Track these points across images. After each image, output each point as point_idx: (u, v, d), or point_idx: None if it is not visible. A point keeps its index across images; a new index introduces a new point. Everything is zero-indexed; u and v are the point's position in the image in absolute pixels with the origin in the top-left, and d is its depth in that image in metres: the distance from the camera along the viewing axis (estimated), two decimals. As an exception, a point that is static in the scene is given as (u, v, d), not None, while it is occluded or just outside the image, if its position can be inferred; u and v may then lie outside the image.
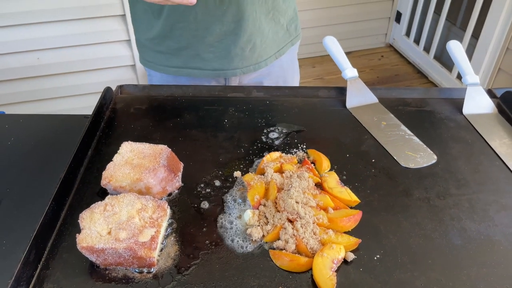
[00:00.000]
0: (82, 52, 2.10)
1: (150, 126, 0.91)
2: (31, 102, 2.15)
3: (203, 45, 1.00)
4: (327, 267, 0.62)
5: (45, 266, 0.63)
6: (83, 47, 2.09)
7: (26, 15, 1.92)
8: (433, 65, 3.00)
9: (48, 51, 2.05)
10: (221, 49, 1.02)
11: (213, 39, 1.00)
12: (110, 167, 0.73)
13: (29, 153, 0.88)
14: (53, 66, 2.09)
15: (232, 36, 1.00)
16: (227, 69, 1.05)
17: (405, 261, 0.65)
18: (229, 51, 1.02)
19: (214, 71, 1.06)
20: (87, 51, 2.11)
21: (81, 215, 0.65)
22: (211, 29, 0.98)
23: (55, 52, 2.06)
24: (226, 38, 1.00)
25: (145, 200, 0.67)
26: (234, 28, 0.99)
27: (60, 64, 2.10)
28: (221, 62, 1.04)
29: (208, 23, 0.97)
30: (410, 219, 0.72)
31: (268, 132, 0.90)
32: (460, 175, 0.80)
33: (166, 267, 0.63)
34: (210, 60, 1.04)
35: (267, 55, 1.08)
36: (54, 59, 2.08)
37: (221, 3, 0.94)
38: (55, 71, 2.11)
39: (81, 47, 2.09)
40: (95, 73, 2.18)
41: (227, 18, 0.97)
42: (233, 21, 0.98)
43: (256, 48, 1.05)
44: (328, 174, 0.78)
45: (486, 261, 0.65)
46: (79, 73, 2.16)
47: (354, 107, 0.98)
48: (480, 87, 0.98)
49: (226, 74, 1.07)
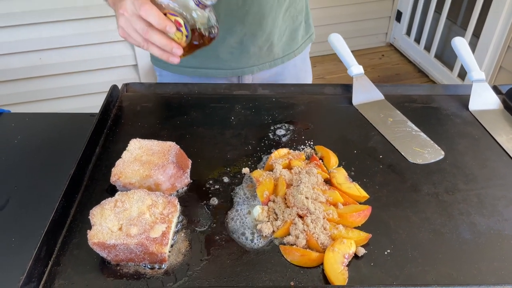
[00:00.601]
0: (84, 52, 2.10)
1: (157, 123, 0.91)
2: (34, 102, 2.15)
3: (223, 46, 1.01)
4: (339, 262, 0.62)
5: (56, 262, 0.63)
6: (85, 47, 2.09)
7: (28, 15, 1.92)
8: (434, 64, 3.01)
9: (50, 51, 2.05)
10: (240, 49, 1.03)
11: (233, 40, 1.00)
12: (119, 164, 0.73)
13: (35, 152, 0.88)
14: (55, 66, 2.09)
15: (251, 36, 1.01)
16: (244, 67, 1.06)
17: (415, 256, 0.65)
18: (248, 50, 1.03)
19: (231, 70, 1.06)
20: (89, 51, 2.11)
21: (92, 212, 0.65)
22: (232, 30, 0.98)
23: (57, 52, 2.06)
24: (246, 39, 1.01)
25: (155, 196, 0.67)
26: (254, 28, 1.00)
27: (62, 64, 2.09)
28: (239, 61, 1.05)
29: (230, 24, 0.97)
30: (419, 214, 0.72)
31: (275, 129, 0.90)
32: (468, 170, 0.80)
33: (177, 263, 0.63)
34: (228, 60, 1.04)
35: (283, 53, 1.09)
36: (56, 59, 2.07)
37: (244, 3, 0.94)
38: (57, 71, 2.11)
39: (83, 47, 2.09)
40: (97, 73, 2.18)
41: (249, 18, 0.98)
42: (254, 22, 0.98)
43: (274, 46, 1.06)
44: (336, 170, 0.78)
45: (497, 255, 0.65)
46: (81, 73, 2.16)
47: (360, 104, 0.98)
48: (485, 83, 0.98)
49: (243, 72, 1.07)
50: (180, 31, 0.72)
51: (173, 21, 0.71)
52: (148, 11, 0.69)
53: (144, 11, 0.69)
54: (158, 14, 0.69)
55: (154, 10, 0.69)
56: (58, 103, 2.20)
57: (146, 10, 0.69)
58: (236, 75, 1.08)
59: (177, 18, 0.71)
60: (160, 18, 0.69)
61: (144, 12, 0.69)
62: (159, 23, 0.70)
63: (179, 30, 0.71)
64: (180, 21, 0.71)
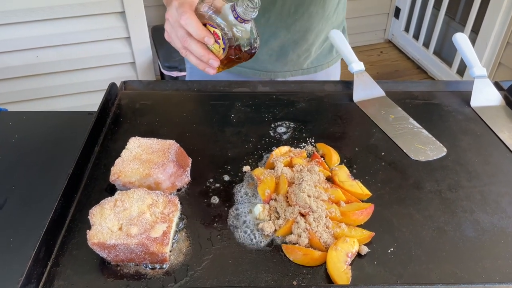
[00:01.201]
0: (81, 50, 2.08)
1: (156, 121, 0.90)
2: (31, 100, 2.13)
3: (264, 47, 1.02)
4: (342, 261, 0.61)
5: (55, 263, 0.62)
6: (82, 45, 2.08)
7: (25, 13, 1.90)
8: (432, 60, 3.00)
9: (47, 49, 2.03)
10: (279, 54, 1.05)
11: (275, 44, 1.02)
12: (118, 162, 0.72)
13: (33, 151, 0.87)
14: (53, 64, 2.07)
15: (293, 44, 1.03)
16: (279, 71, 1.09)
17: (419, 254, 0.64)
18: (286, 56, 1.05)
19: (266, 72, 1.08)
20: (87, 49, 2.09)
21: (91, 211, 0.64)
22: (277, 34, 1.00)
23: (54, 50, 2.05)
24: (287, 45, 1.03)
25: (156, 195, 0.66)
26: (298, 37, 1.02)
27: (60, 62, 2.08)
28: (275, 64, 1.07)
29: (277, 28, 0.99)
30: (423, 211, 0.71)
31: (276, 127, 0.89)
32: (471, 167, 0.80)
33: (178, 263, 0.63)
34: (265, 62, 1.06)
35: (318, 62, 1.12)
36: (53, 57, 2.06)
37: (295, 12, 0.97)
38: (55, 69, 2.09)
39: (80, 45, 2.07)
40: (95, 71, 2.17)
41: (295, 27, 1.00)
42: (300, 31, 1.01)
43: (311, 56, 1.09)
44: (338, 167, 0.77)
45: (501, 252, 0.64)
46: (78, 71, 2.14)
47: (361, 101, 0.97)
48: (487, 79, 0.98)
49: (276, 76, 1.09)
50: (218, 43, 0.70)
51: (212, 32, 0.69)
52: (188, 20, 0.69)
53: (184, 20, 0.69)
54: (197, 25, 0.69)
55: (194, 20, 0.69)
56: (56, 102, 2.19)
57: (186, 19, 0.69)
58: (269, 77, 1.10)
59: (216, 30, 0.69)
60: (199, 29, 0.69)
61: (183, 21, 0.69)
62: (197, 34, 0.69)
63: (217, 43, 0.70)
64: (219, 33, 0.69)
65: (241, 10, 0.66)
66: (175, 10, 0.71)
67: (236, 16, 0.67)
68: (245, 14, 0.66)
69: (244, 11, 0.66)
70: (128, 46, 2.16)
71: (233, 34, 0.69)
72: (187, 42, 0.71)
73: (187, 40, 0.71)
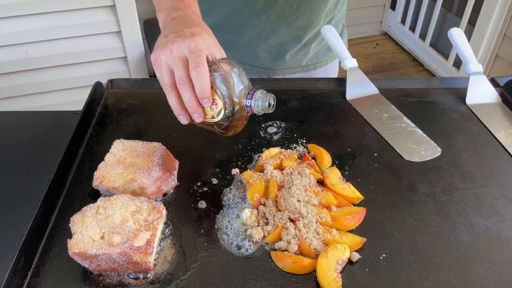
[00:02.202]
0: (71, 44, 2.04)
1: (143, 122, 0.88)
2: (20, 97, 2.09)
3: (264, 44, 1.01)
4: (332, 269, 0.59)
5: (35, 273, 0.60)
6: (73, 40, 2.03)
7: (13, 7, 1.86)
8: (429, 53, 2.97)
9: (37, 44, 1.99)
10: (278, 51, 1.03)
11: (275, 41, 1.00)
12: (101, 167, 0.69)
13: (16, 153, 0.85)
14: (43, 59, 2.03)
15: (293, 41, 1.02)
16: (278, 68, 1.07)
17: (412, 260, 0.62)
18: (285, 53, 1.03)
19: (264, 69, 1.06)
20: (77, 44, 2.04)
21: (72, 219, 0.61)
22: (278, 31, 0.98)
23: (44, 45, 2.00)
24: (287, 42, 1.01)
25: (140, 201, 0.63)
26: (298, 34, 1.01)
27: (50, 57, 2.03)
28: (274, 62, 1.05)
29: (278, 25, 0.98)
30: (416, 215, 0.69)
31: (266, 127, 0.87)
32: (466, 168, 0.78)
33: (163, 272, 0.60)
34: (263, 59, 1.04)
35: (317, 60, 1.10)
36: (43, 52, 2.01)
37: (297, 9, 0.95)
38: (45, 64, 2.05)
39: (70, 40, 2.02)
40: (86, 66, 2.12)
41: (296, 24, 0.98)
42: (301, 27, 0.99)
43: (309, 53, 1.07)
44: (329, 170, 0.75)
45: (496, 258, 0.63)
46: (69, 66, 2.09)
47: (354, 99, 0.95)
48: (483, 76, 0.95)
49: (275, 73, 1.08)
50: (211, 109, 0.64)
51: (213, 99, 0.63)
52: (202, 74, 0.60)
53: (198, 72, 0.60)
54: (207, 85, 0.61)
55: (207, 79, 0.60)
56: (47, 98, 2.15)
57: (201, 73, 0.60)
58: (267, 74, 1.08)
59: (218, 101, 0.63)
60: (207, 90, 0.61)
61: (196, 73, 0.60)
62: (202, 94, 0.61)
63: (211, 109, 0.64)
64: (219, 104, 0.63)
65: (258, 106, 0.63)
66: (185, 48, 0.61)
67: (248, 105, 0.63)
68: (258, 111, 0.64)
69: (260, 108, 0.63)
70: (119, 41, 2.12)
71: (233, 115, 0.64)
72: (184, 86, 0.62)
73: (185, 84, 0.61)
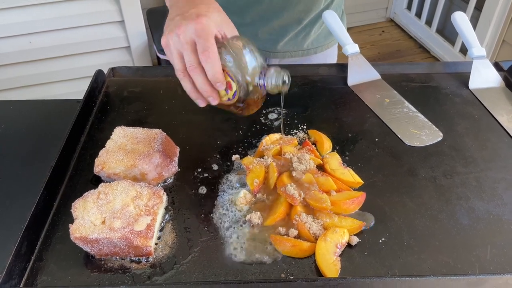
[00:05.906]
0: (75, 34, 2.04)
1: (144, 109, 0.88)
2: (24, 87, 2.10)
3: (266, 26, 1.01)
4: (331, 252, 0.59)
5: (38, 258, 0.61)
6: (76, 30, 2.03)
7: (16, -3, 1.86)
8: (435, 39, 2.93)
9: (41, 34, 1.99)
10: (280, 33, 1.03)
11: (277, 23, 1.01)
12: (102, 153, 0.70)
13: (20, 141, 0.86)
14: (46, 49, 2.03)
15: (295, 22, 1.02)
16: (279, 51, 1.07)
17: (411, 244, 0.62)
18: (286, 35, 1.03)
19: (265, 51, 1.06)
20: (80, 34, 2.04)
21: (74, 204, 0.62)
22: (281, 13, 0.99)
23: (47, 35, 2.00)
24: (289, 25, 1.02)
25: (140, 187, 0.64)
26: (299, 17, 1.01)
27: (53, 47, 2.04)
28: (275, 44, 1.05)
29: (281, 8, 0.98)
30: (416, 199, 0.69)
31: (267, 113, 0.87)
32: (467, 152, 0.77)
33: (163, 256, 0.61)
34: (265, 41, 1.04)
35: (318, 43, 1.10)
36: (47, 42, 2.01)
37: None
38: (48, 55, 2.05)
39: (74, 30, 2.03)
40: (90, 56, 2.13)
41: (299, 7, 0.99)
42: (303, 10, 1.00)
43: (310, 36, 1.06)
44: (330, 155, 0.75)
45: (496, 241, 0.62)
46: (73, 56, 2.10)
47: (356, 85, 0.94)
48: (486, 60, 0.94)
49: (276, 56, 1.08)
50: (227, 92, 0.64)
51: (226, 81, 0.63)
52: (211, 59, 0.59)
53: (207, 56, 0.59)
54: (218, 69, 0.60)
55: (217, 62, 0.60)
56: (50, 88, 2.16)
57: (210, 58, 0.59)
58: (268, 56, 1.08)
59: (232, 83, 0.63)
60: (218, 73, 0.60)
61: (206, 57, 0.59)
62: (214, 78, 0.61)
63: (226, 92, 0.64)
64: (233, 86, 0.63)
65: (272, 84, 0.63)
66: (191, 32, 0.60)
67: (262, 83, 0.63)
68: (272, 90, 0.64)
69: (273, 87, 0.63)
70: (122, 30, 2.11)
71: (248, 94, 0.64)
72: (194, 71, 0.61)
73: (195, 69, 0.61)
